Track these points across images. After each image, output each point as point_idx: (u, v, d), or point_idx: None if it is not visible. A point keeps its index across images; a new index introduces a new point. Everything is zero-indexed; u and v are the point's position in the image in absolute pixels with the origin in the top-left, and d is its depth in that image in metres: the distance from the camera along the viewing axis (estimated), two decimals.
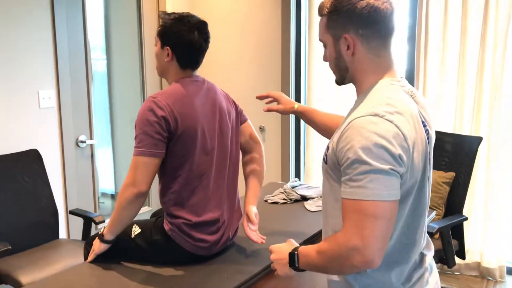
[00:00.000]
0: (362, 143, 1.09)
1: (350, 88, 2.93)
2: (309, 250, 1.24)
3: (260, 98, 1.89)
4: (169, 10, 3.52)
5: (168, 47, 1.75)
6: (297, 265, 1.26)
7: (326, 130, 1.76)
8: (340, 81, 1.31)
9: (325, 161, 1.25)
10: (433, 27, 3.00)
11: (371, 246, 1.08)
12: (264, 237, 1.80)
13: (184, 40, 1.73)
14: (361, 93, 1.24)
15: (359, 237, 1.09)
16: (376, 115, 1.11)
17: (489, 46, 2.87)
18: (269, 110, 1.83)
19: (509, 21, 2.78)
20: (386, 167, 1.08)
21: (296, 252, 1.26)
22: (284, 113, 1.84)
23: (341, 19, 1.20)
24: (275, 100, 1.86)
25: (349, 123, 1.14)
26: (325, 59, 1.31)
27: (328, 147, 1.24)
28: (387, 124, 1.10)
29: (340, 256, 1.13)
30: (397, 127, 1.10)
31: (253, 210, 1.84)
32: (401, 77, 1.27)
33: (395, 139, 1.09)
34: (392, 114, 1.12)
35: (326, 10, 1.23)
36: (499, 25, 2.80)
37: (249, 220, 1.82)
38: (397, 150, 1.09)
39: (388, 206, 1.09)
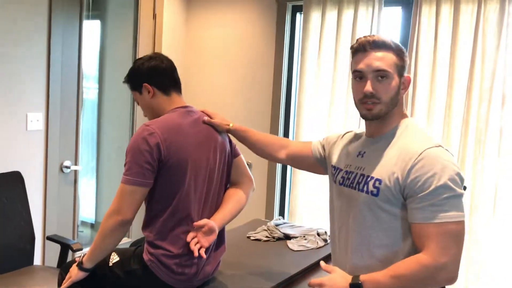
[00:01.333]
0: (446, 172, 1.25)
1: (339, 118, 2.95)
2: (379, 278, 1.27)
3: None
4: (164, 43, 3.58)
5: (144, 84, 1.78)
6: None
7: (260, 148, 1.87)
8: (382, 115, 1.37)
9: (374, 194, 1.32)
10: (421, 78, 3.08)
11: (457, 264, 1.25)
12: (202, 253, 1.63)
13: (152, 67, 1.79)
14: (390, 129, 1.38)
15: (448, 256, 1.22)
16: (440, 146, 1.29)
17: (474, 100, 2.95)
18: (208, 122, 1.84)
19: (493, 78, 2.87)
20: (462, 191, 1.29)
21: (360, 282, 1.27)
22: (220, 128, 1.85)
23: (405, 61, 1.38)
24: (210, 116, 1.88)
25: (420, 154, 1.26)
26: (373, 90, 1.35)
27: (380, 180, 1.31)
28: (449, 154, 1.30)
29: (426, 277, 1.23)
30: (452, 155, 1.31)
31: (207, 220, 1.70)
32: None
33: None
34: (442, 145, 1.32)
35: (394, 49, 1.37)
36: (484, 80, 2.89)
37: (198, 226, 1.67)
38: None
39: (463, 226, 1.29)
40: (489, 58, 2.88)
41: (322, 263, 1.41)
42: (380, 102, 1.35)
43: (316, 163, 1.71)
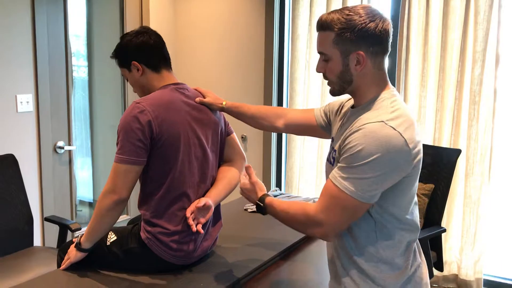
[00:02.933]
0: (366, 148, 1.23)
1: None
2: (275, 207, 1.45)
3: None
4: (152, 18, 3.51)
5: (133, 62, 1.75)
6: (265, 214, 1.50)
7: (257, 122, 1.88)
8: (338, 93, 1.39)
9: (331, 162, 1.38)
10: (414, 42, 3.05)
11: (334, 229, 1.31)
12: (200, 229, 1.65)
13: (140, 43, 1.75)
14: (363, 104, 1.35)
15: (327, 217, 1.29)
16: (382, 122, 1.24)
17: (468, 62, 2.92)
18: (200, 102, 1.83)
19: (487, 38, 2.83)
20: None
21: (263, 205, 1.49)
22: (214, 106, 1.85)
23: (353, 37, 1.29)
24: (203, 95, 1.87)
25: (359, 127, 1.26)
26: (321, 70, 1.39)
27: (334, 150, 1.37)
28: (391, 131, 1.23)
29: (303, 224, 1.35)
30: (400, 134, 1.23)
31: (203, 198, 1.72)
32: (393, 88, 1.38)
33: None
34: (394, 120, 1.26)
35: (336, 27, 1.30)
36: (478, 42, 2.86)
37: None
38: None
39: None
40: (483, 19, 2.83)
41: (249, 166, 1.60)
42: (330, 81, 1.38)
43: (321, 130, 1.71)
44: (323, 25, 1.33)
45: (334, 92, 1.40)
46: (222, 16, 3.63)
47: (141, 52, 1.75)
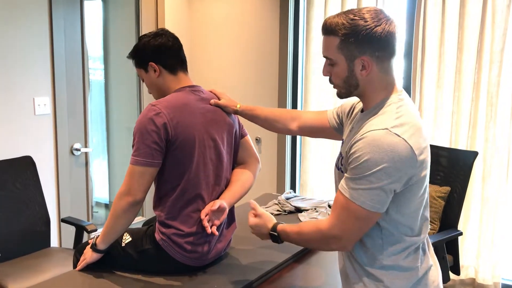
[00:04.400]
0: (371, 159, 1.22)
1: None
2: (288, 231, 1.45)
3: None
4: (167, 21, 3.54)
5: (150, 63, 1.76)
6: (280, 242, 1.50)
7: (271, 124, 1.88)
8: (345, 95, 1.38)
9: (339, 168, 1.38)
10: (430, 43, 3.02)
11: (350, 239, 1.31)
12: (214, 231, 1.66)
13: (158, 45, 1.76)
14: (370, 107, 1.34)
15: (341, 230, 1.29)
16: (386, 129, 1.23)
17: (485, 63, 2.88)
18: (215, 104, 1.83)
19: (504, 39, 2.79)
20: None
21: (276, 234, 1.48)
22: (228, 109, 1.85)
23: (358, 42, 1.27)
24: (218, 97, 1.87)
25: (363, 134, 1.24)
26: (327, 74, 1.37)
27: (341, 155, 1.36)
28: (395, 138, 1.21)
29: (320, 241, 1.35)
30: (405, 141, 1.21)
31: (218, 200, 1.73)
32: (402, 90, 1.36)
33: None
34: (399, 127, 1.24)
35: (340, 32, 1.28)
36: (495, 42, 2.82)
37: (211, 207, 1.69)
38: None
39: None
40: (500, 18, 2.79)
41: (251, 201, 1.61)
42: (336, 85, 1.37)
43: (334, 132, 1.71)
44: (327, 29, 1.31)
45: (341, 95, 1.39)
46: (236, 18, 3.65)
47: (159, 53, 1.76)
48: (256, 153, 1.96)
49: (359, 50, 1.27)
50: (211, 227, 1.66)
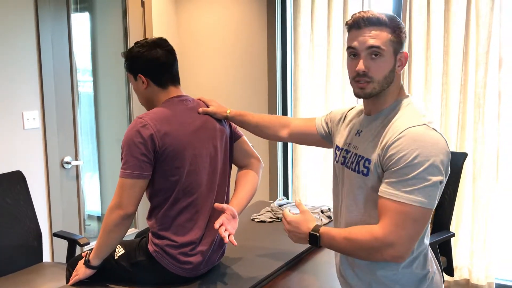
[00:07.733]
0: (421, 154, 1.21)
1: (336, 94, 2.94)
2: (334, 234, 1.33)
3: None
4: (155, 30, 3.54)
5: (140, 75, 1.75)
6: (319, 246, 1.36)
7: (261, 131, 1.88)
8: (369, 94, 1.34)
9: (364, 174, 1.32)
10: (416, 47, 3.05)
11: (406, 245, 1.23)
12: (233, 241, 1.61)
13: (150, 59, 1.74)
14: (383, 109, 1.35)
15: (397, 236, 1.21)
16: (425, 124, 1.25)
17: (471, 65, 2.92)
18: (204, 112, 1.82)
19: (489, 41, 2.83)
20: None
21: (318, 234, 1.35)
22: (218, 115, 1.84)
23: (403, 38, 1.34)
24: (207, 104, 1.87)
25: (401, 132, 1.24)
26: (366, 68, 1.32)
27: (369, 160, 1.31)
28: (435, 134, 1.24)
29: (373, 249, 1.25)
30: (442, 135, 1.25)
31: (228, 206, 1.70)
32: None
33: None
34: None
35: (392, 25, 1.32)
36: (480, 44, 2.85)
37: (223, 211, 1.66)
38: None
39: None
40: (484, 21, 2.83)
41: (297, 200, 1.53)
42: (373, 81, 1.32)
43: (321, 139, 1.71)
44: (379, 21, 1.31)
45: (371, 93, 1.33)
46: (224, 25, 3.66)
47: (150, 67, 1.75)
48: (255, 152, 1.95)
49: (401, 46, 1.33)
50: (228, 236, 1.59)
